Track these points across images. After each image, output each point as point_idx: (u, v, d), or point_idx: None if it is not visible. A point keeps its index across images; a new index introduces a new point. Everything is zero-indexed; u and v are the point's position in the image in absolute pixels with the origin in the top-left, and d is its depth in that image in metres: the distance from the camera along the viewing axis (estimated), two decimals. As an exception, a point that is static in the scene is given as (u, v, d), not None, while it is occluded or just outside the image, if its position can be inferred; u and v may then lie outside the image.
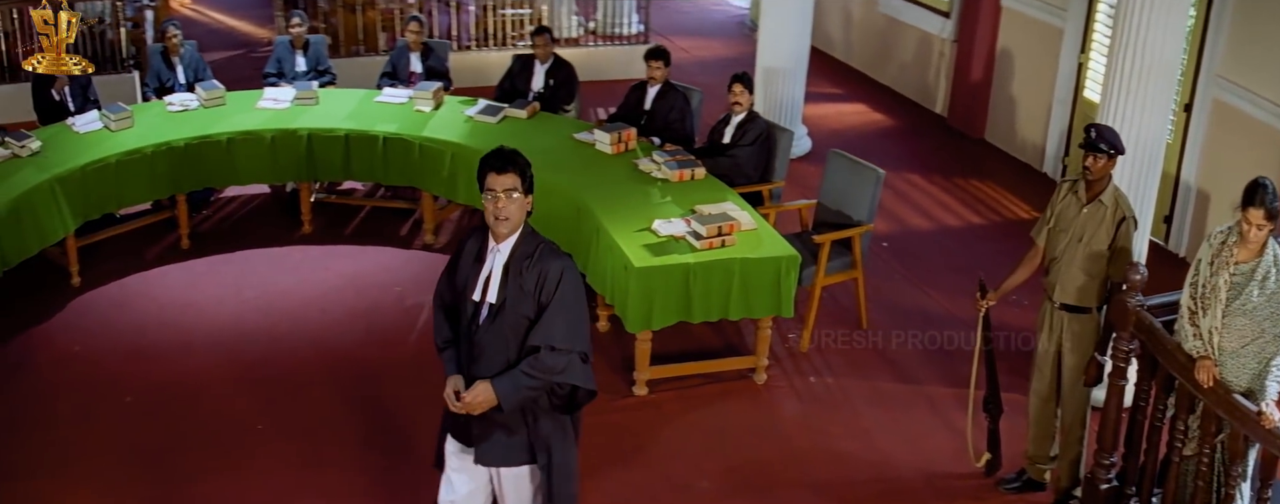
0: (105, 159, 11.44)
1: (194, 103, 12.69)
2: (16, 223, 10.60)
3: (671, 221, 9.85)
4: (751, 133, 11.28)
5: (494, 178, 5.98)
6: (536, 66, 13.24)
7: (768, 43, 13.73)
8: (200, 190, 12.65)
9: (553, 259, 6.14)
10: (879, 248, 12.06)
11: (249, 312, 11.03)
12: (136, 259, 12.04)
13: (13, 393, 9.82)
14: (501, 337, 6.15)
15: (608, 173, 11.01)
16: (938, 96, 16.15)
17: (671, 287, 9.34)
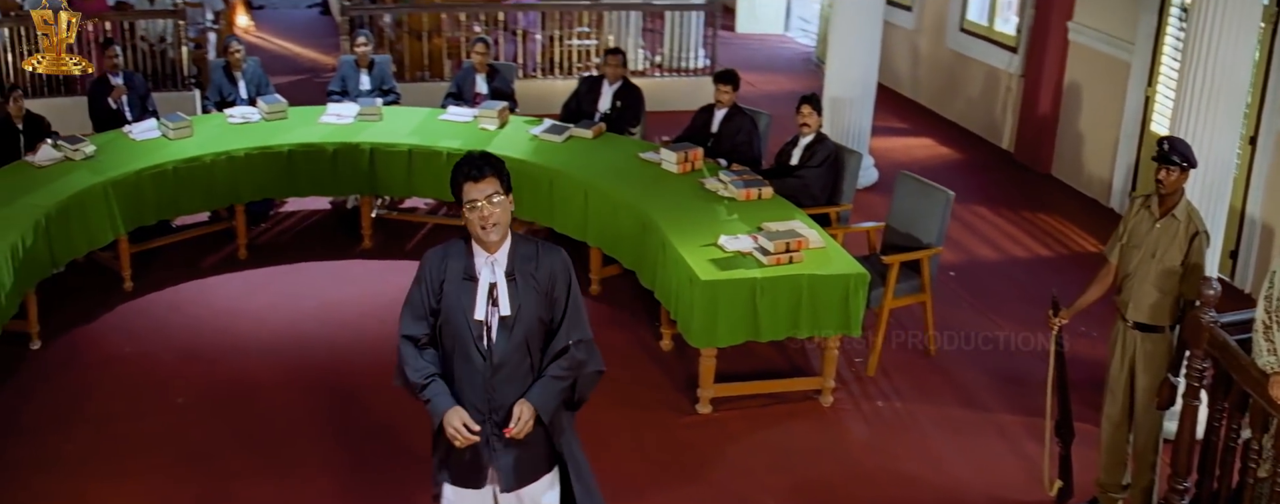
0: (162, 165, 11.28)
1: (255, 116, 12.54)
2: (65, 223, 10.44)
3: (738, 237, 9.56)
4: (819, 154, 11.01)
5: (472, 187, 5.56)
6: (605, 87, 12.99)
7: (835, 72, 13.50)
8: (259, 203, 12.56)
9: (551, 252, 5.88)
10: (946, 277, 11.74)
11: (306, 320, 10.84)
12: (191, 267, 11.89)
13: (61, 389, 9.69)
14: (521, 347, 5.78)
15: (674, 191, 10.73)
16: (1004, 131, 15.85)
17: (738, 302, 9.04)
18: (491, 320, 5.74)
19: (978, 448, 9.12)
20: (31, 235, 9.98)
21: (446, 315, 5.79)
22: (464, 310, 5.74)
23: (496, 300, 5.73)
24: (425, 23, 17.00)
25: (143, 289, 11.40)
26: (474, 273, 5.76)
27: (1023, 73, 15.38)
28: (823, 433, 9.29)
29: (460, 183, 5.60)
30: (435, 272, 5.82)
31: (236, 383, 9.83)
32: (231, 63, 13.26)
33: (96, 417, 9.33)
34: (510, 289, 5.73)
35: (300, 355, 10.24)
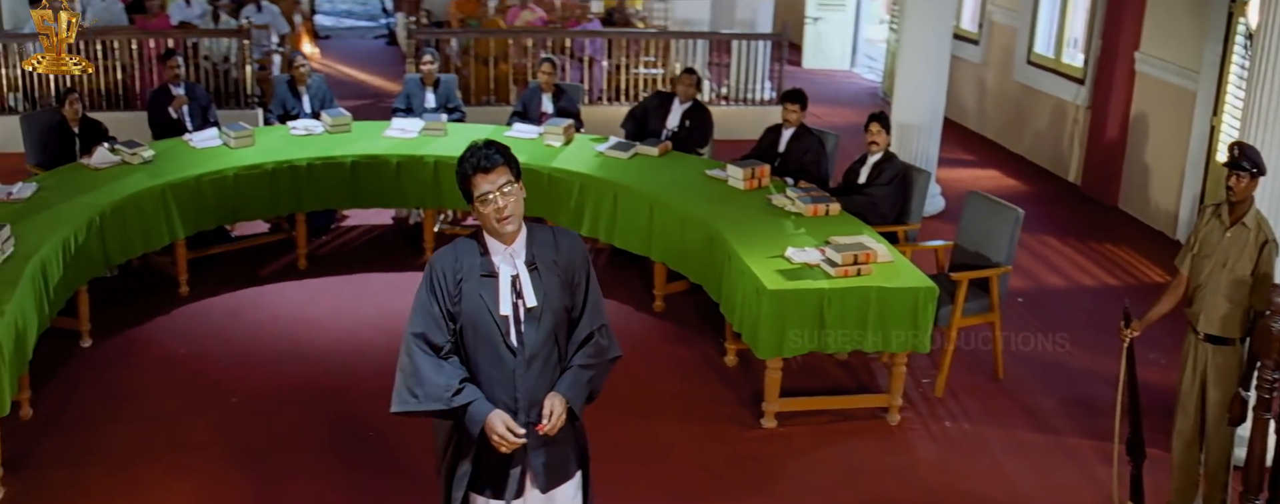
0: (222, 172, 11.14)
1: (319, 128, 12.37)
2: (121, 223, 10.30)
3: (805, 250, 9.29)
4: (888, 172, 10.77)
5: (483, 179, 5.24)
6: (675, 105, 12.75)
7: (903, 98, 13.29)
8: (320, 216, 12.43)
9: (568, 237, 5.62)
10: (1014, 303, 11.45)
11: (365, 328, 10.63)
12: (250, 275, 11.74)
13: (111, 385, 9.57)
14: (550, 338, 5.45)
15: (740, 206, 10.46)
16: (1071, 164, 15.57)
17: (805, 312, 8.76)
18: (519, 313, 5.42)
19: (1047, 470, 8.79)
20: (84, 232, 9.85)
21: (469, 316, 5.40)
22: (488, 308, 5.38)
23: (521, 292, 5.42)
24: (492, 48, 16.87)
25: (199, 294, 11.26)
26: (493, 268, 5.42)
27: (1090, 104, 15.11)
28: (890, 451, 8.97)
29: (469, 175, 5.28)
30: (449, 272, 5.42)
31: (293, 386, 9.64)
32: (296, 77, 13.11)
33: (147, 413, 9.19)
34: (533, 279, 5.43)
35: (359, 361, 10.03)
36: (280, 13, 18.64)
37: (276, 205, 11.60)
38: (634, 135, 12.61)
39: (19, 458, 8.41)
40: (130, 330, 10.56)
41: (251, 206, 11.44)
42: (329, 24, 25.25)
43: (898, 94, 13.42)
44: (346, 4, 27.98)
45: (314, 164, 11.55)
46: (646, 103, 13.14)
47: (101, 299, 10.74)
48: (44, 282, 9.09)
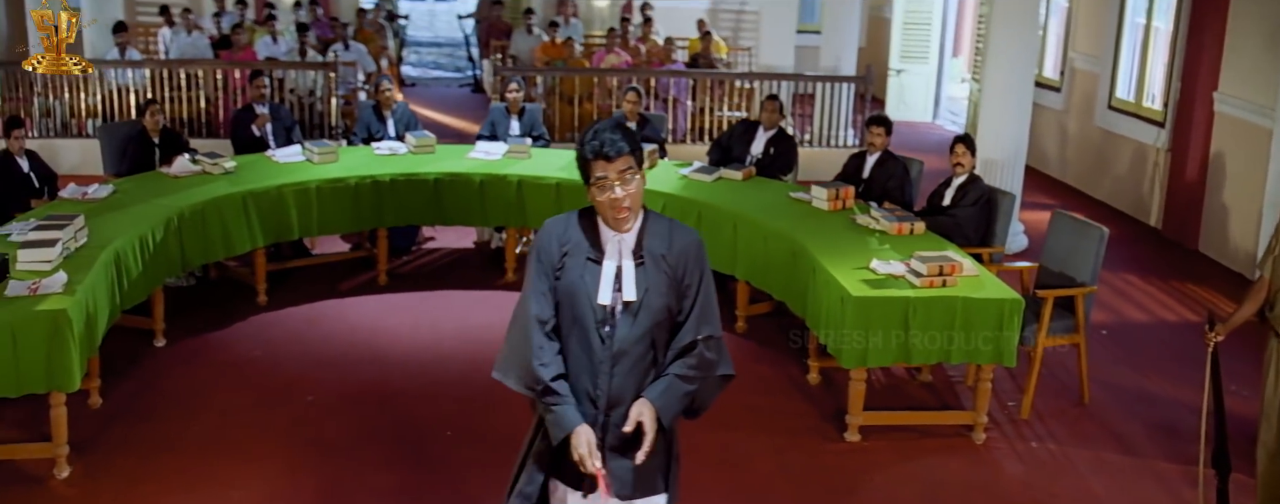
0: (304, 183, 11.00)
1: (403, 149, 12.19)
2: (201, 225, 10.21)
3: (890, 263, 9.02)
4: (972, 194, 10.49)
5: (605, 165, 4.81)
6: (759, 133, 12.54)
7: (987, 132, 13.03)
8: (402, 237, 12.29)
9: (685, 232, 5.11)
10: (1098, 335, 11.13)
11: (447, 339, 10.43)
12: (329, 288, 11.59)
13: (185, 381, 9.49)
14: (645, 337, 4.99)
15: (824, 224, 10.19)
16: (1152, 208, 15.23)
17: (890, 321, 8.47)
18: (615, 305, 4.98)
19: (1135, 490, 8.42)
20: (162, 231, 9.75)
21: (566, 295, 5.00)
22: (587, 293, 4.97)
23: (622, 285, 4.98)
24: (577, 87, 16.75)
25: (277, 304, 11.12)
26: (599, 254, 5.00)
27: (1170, 147, 14.80)
28: (975, 468, 8.62)
29: (588, 159, 4.86)
30: (555, 244, 5.03)
31: (370, 388, 9.45)
32: (382, 101, 12.95)
33: (219, 407, 9.07)
34: (638, 273, 4.98)
35: (439, 368, 9.83)
36: (367, 52, 18.64)
37: (358, 220, 11.41)
38: (719, 163, 12.37)
39: (86, 442, 8.32)
40: (205, 334, 10.43)
41: (333, 220, 11.26)
42: (415, 74, 25.24)
43: (981, 129, 13.17)
44: (433, 56, 28.04)
45: (397, 180, 11.38)
46: (732, 130, 12.92)
47: (178, 305, 10.65)
48: (118, 273, 8.98)
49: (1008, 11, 12.97)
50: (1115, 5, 16.27)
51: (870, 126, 11.45)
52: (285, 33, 19.10)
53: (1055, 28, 18.29)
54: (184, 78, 15.82)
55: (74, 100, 16.01)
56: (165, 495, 7.81)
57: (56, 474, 7.99)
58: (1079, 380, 9.79)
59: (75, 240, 8.95)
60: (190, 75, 15.92)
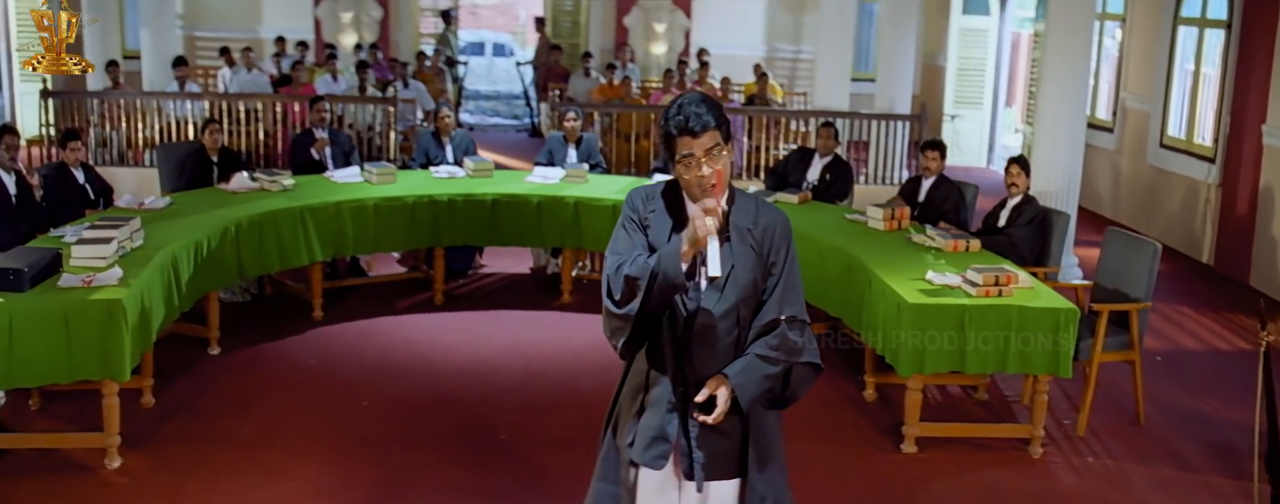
0: (362, 201, 10.95)
1: (461, 174, 12.13)
2: (258, 235, 10.20)
3: (945, 275, 8.88)
4: (1027, 213, 10.38)
5: (691, 141, 4.59)
6: (815, 159, 12.47)
7: (1040, 169, 12.89)
8: (458, 261, 12.24)
9: (772, 210, 4.87)
10: (1153, 361, 10.95)
11: (503, 354, 10.34)
12: (385, 306, 11.53)
13: (238, 385, 9.49)
14: (730, 313, 4.80)
15: (880, 241, 10.08)
16: (1204, 244, 15.04)
17: (946, 328, 8.32)
18: (699, 279, 4.74)
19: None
20: (218, 239, 9.73)
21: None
22: None
23: (705, 258, 4.62)
24: (634, 124, 16.68)
25: (333, 319, 11.06)
26: (683, 227, 4.72)
27: (1220, 182, 14.62)
28: (1033, 480, 8.45)
29: (674, 135, 4.64)
30: (642, 205, 4.86)
31: (424, 395, 9.36)
32: (440, 128, 12.88)
33: (274, 407, 9.04)
34: (723, 249, 4.66)
35: (493, 378, 9.74)
36: (426, 91, 18.66)
37: (415, 238, 11.33)
38: (775, 189, 12.25)
39: (138, 437, 8.31)
40: (260, 344, 10.40)
41: (390, 237, 11.20)
42: (473, 121, 25.22)
43: (1034, 166, 13.01)
44: (492, 105, 28.07)
45: (454, 200, 11.31)
46: (788, 158, 12.86)
47: (233, 318, 10.65)
48: (174, 275, 8.94)
49: (1060, 48, 12.90)
50: (1165, 51, 16.15)
51: (925, 151, 11.34)
52: (345, 72, 19.15)
53: (1107, 73, 18.18)
54: (243, 111, 15.83)
55: (131, 131, 16.03)
56: (217, 484, 7.76)
57: (108, 464, 7.94)
58: (1134, 399, 9.59)
59: (131, 240, 8.90)
60: (249, 109, 15.93)
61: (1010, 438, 8.97)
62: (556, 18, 25.15)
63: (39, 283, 7.95)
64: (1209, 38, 15.40)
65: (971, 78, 21.69)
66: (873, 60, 22.13)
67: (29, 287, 7.80)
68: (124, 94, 16.32)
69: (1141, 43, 16.82)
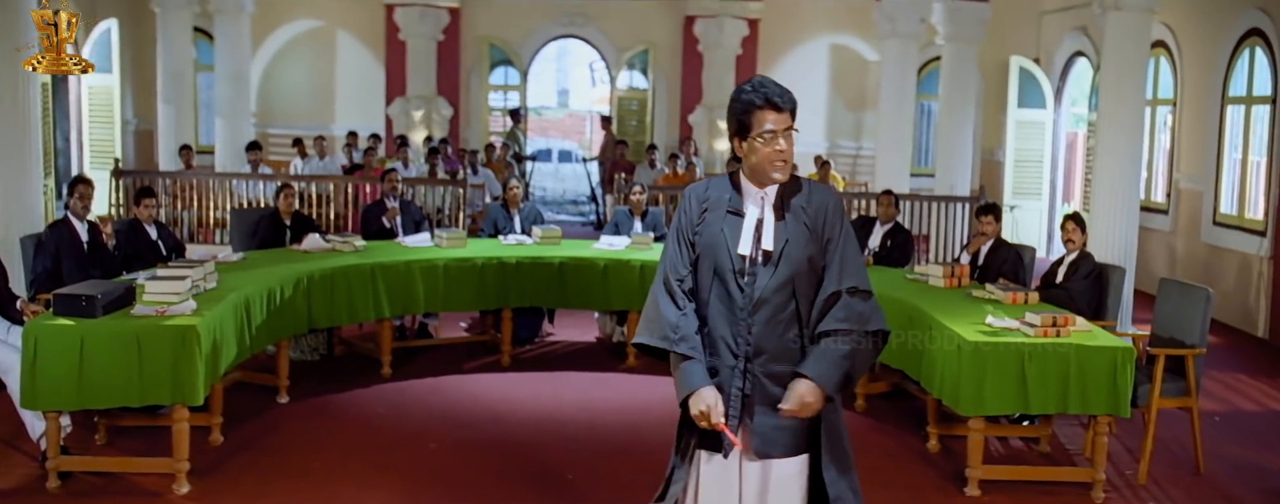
0: (432, 261, 11.04)
1: (529, 240, 12.23)
2: (329, 289, 10.30)
3: (1004, 319, 8.87)
4: (1083, 268, 10.41)
5: (773, 115, 4.87)
6: (876, 227, 12.52)
7: (1097, 245, 12.93)
8: (525, 328, 12.29)
9: (824, 191, 5.11)
10: (1211, 421, 10.87)
11: (569, 408, 10.34)
12: (452, 366, 11.55)
13: (309, 428, 9.56)
14: (786, 288, 4.99)
15: (941, 295, 10.06)
16: (1259, 319, 14.92)
17: (1006, 367, 8.28)
18: (755, 255, 5.00)
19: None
20: (290, 289, 9.82)
21: (707, 247, 5.05)
22: (727, 244, 5.02)
23: (762, 236, 5.00)
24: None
25: (401, 376, 11.10)
26: (740, 207, 5.05)
27: (1272, 254, 14.56)
28: (1098, 525, 8.42)
29: (757, 106, 4.88)
30: (697, 202, 5.12)
31: (492, 440, 9.36)
32: (510, 199, 13.02)
33: (343, 447, 9.07)
34: (778, 226, 4.99)
35: (560, 428, 9.74)
36: (494, 177, 18.86)
37: (483, 299, 11.40)
38: (837, 256, 12.30)
39: (207, 468, 8.39)
40: (329, 395, 10.46)
41: (459, 297, 11.28)
42: (538, 215, 25.38)
43: (1092, 232, 13.06)
44: (557, 203, 28.19)
45: (522, 262, 11.41)
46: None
47: (302, 373, 10.74)
48: (246, 316, 9.01)
49: (1113, 135, 13.09)
50: (1214, 130, 16.17)
51: (980, 216, 11.35)
52: (415, 161, 19.39)
53: (1161, 157, 18.19)
54: (314, 194, 16.03)
55: (202, 211, 16.24)
56: (285, 513, 7.80)
57: (176, 489, 7.98)
58: (1193, 450, 9.49)
59: (205, 281, 8.98)
60: (321, 193, 16.14)
61: (1072, 483, 8.87)
62: (622, 116, 25.36)
63: (112, 311, 8.01)
64: (1256, 113, 15.43)
65: (1029, 169, 21.70)
66: (931, 156, 22.23)
67: (101, 313, 7.87)
68: (195, 174, 16.59)
69: (1192, 124, 16.83)
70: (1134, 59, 13.24)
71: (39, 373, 7.67)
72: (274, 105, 24.41)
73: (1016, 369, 8.33)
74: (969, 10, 18.73)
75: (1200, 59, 16.60)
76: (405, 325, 12.48)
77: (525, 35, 24.97)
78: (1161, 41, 17.35)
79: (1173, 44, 17.29)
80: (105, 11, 21.15)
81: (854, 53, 24.98)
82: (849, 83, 25.04)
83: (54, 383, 7.68)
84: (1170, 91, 17.59)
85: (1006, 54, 22.23)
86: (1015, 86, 21.52)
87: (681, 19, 24.49)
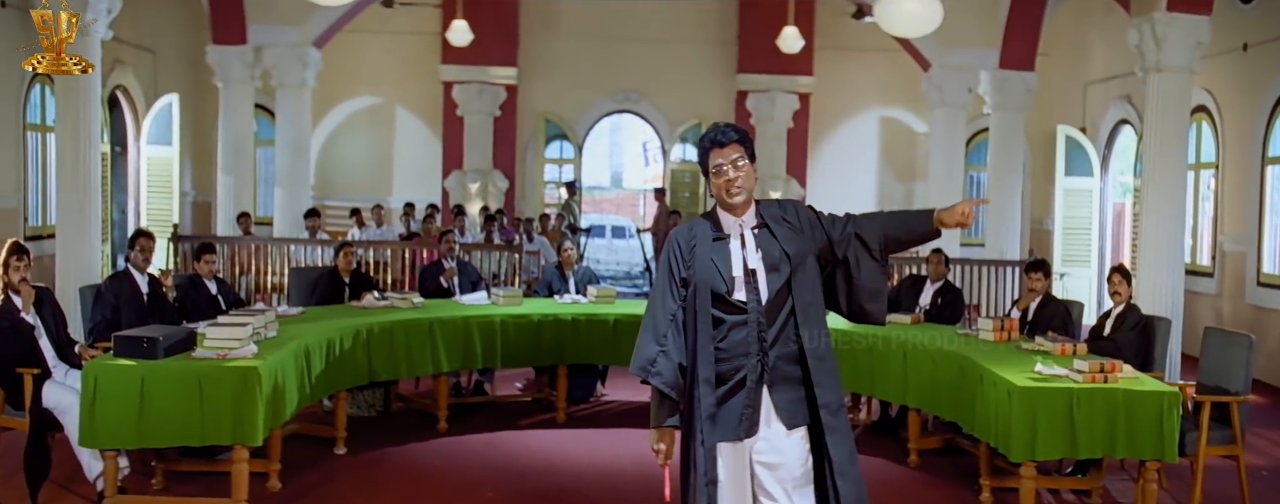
0: (489, 317, 11.15)
1: (584, 300, 12.32)
2: (389, 342, 10.42)
3: (1053, 367, 8.90)
4: (1130, 320, 10.44)
5: (717, 152, 5.62)
6: (927, 285, 12.54)
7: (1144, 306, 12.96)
8: (581, 384, 12.33)
9: (794, 202, 5.88)
10: (1258, 475, 10.82)
11: (622, 461, 10.36)
12: (509, 422, 11.62)
13: (367, 478, 9.61)
14: (784, 287, 5.65)
15: (991, 348, 10.07)
16: (1306, 380, 14.91)
17: (1055, 411, 8.32)
18: (754, 266, 5.64)
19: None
20: (350, 341, 9.95)
21: (703, 275, 5.63)
22: (721, 266, 5.63)
23: (747, 252, 5.66)
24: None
25: (457, 431, 11.16)
26: (724, 233, 5.70)
27: (1312, 311, 14.54)
28: (1151, 573, 8.37)
29: (706, 149, 5.64)
30: (685, 241, 5.72)
31: (549, 493, 9.40)
32: (564, 261, 13.13)
33: (401, 497, 9.14)
34: (762, 237, 5.68)
35: (614, 480, 9.79)
36: (550, 245, 18.99)
37: (540, 355, 11.49)
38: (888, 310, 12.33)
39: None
40: (386, 448, 10.53)
41: (516, 353, 11.37)
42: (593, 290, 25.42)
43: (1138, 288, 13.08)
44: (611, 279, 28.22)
45: (578, 319, 11.52)
46: (900, 285, 12.93)
47: (360, 428, 10.83)
48: (306, 364, 9.11)
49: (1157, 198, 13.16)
50: (1255, 191, 16.19)
51: (1029, 272, 11.39)
52: (472, 229, 19.57)
53: (1206, 220, 18.19)
54: (372, 259, 16.18)
55: (259, 277, 16.41)
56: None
57: (235, 530, 8.04)
58: (1241, 497, 9.48)
59: (266, 329, 9.10)
60: (379, 260, 16.29)
61: (1125, 529, 8.83)
62: (675, 188, 25.51)
63: (173, 354, 8.14)
64: (1294, 172, 15.42)
65: (1078, 237, 21.69)
66: (982, 226, 22.26)
67: (163, 355, 8.00)
68: (253, 239, 16.77)
69: (1234, 186, 16.82)
70: (1175, 118, 13.37)
71: (98, 412, 7.82)
72: (332, 177, 24.74)
73: (1065, 413, 8.37)
74: (1016, 80, 18.83)
75: (1240, 121, 16.64)
76: (461, 383, 12.54)
77: (580, 110, 25.25)
78: (1203, 106, 17.40)
79: (1214, 108, 17.32)
80: (167, 86, 21.60)
81: (903, 125, 25.14)
82: (899, 154, 25.19)
83: (113, 422, 7.81)
84: (1212, 155, 17.61)
85: (1053, 123, 22.33)
86: (1062, 155, 21.56)
87: (734, 93, 24.68)
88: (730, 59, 24.83)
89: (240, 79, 18.75)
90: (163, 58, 22.02)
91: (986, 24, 18.71)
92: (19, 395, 8.71)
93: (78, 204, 13.11)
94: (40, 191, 17.03)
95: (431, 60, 24.38)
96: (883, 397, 10.95)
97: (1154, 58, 13.48)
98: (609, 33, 24.90)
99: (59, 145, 13.42)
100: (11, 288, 8.89)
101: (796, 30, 21.18)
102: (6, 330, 8.79)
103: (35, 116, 16.97)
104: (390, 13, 21.59)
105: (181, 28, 22.76)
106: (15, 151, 16.23)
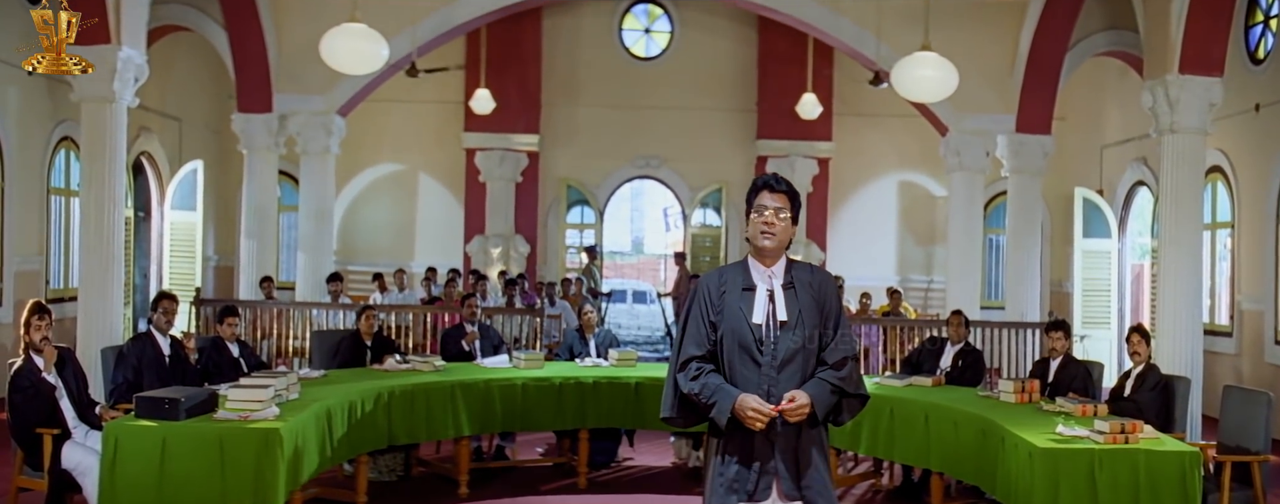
0: (511, 380, 11.08)
1: (605, 363, 12.27)
2: (409, 406, 10.35)
3: (1074, 428, 8.81)
4: (1150, 380, 10.40)
5: (767, 195, 5.70)
6: (947, 347, 12.45)
7: (1162, 353, 12.86)
8: (602, 449, 12.24)
9: (821, 271, 5.91)
10: (1286, 524, 10.72)
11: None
12: (530, 487, 11.49)
13: None
14: (800, 350, 5.69)
15: (1013, 409, 9.99)
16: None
17: (1077, 474, 8.21)
18: (773, 323, 5.69)
19: None
20: (371, 404, 9.89)
21: (729, 324, 5.70)
22: (746, 316, 5.69)
23: (776, 306, 5.71)
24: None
25: (478, 495, 11.06)
26: (752, 283, 5.74)
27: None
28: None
29: (758, 188, 5.72)
30: (714, 287, 5.78)
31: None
32: (584, 324, 13.08)
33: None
34: (788, 296, 5.72)
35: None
36: (571, 309, 18.93)
37: (561, 418, 11.38)
38: (909, 372, 12.26)
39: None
40: (413, 512, 10.40)
41: (538, 417, 11.28)
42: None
43: (1157, 349, 12.97)
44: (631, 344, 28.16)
45: (599, 382, 11.45)
46: (920, 348, 12.87)
47: (380, 492, 10.77)
48: (328, 427, 9.06)
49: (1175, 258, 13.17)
50: (1271, 250, 16.09)
51: (1049, 332, 11.33)
52: (493, 294, 19.54)
53: (1223, 280, 18.09)
54: (394, 324, 16.15)
55: (281, 341, 16.38)
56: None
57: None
58: (1266, 553, 9.40)
59: (288, 391, 9.05)
60: (401, 324, 16.26)
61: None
62: (696, 252, 25.47)
63: (194, 416, 8.09)
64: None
65: (1097, 299, 21.58)
66: (1001, 289, 22.18)
67: (184, 417, 7.95)
68: (275, 303, 16.76)
69: (1250, 245, 16.72)
70: (1190, 178, 13.38)
71: (118, 474, 7.76)
72: (355, 243, 24.74)
73: (1087, 475, 8.27)
74: (1032, 144, 18.77)
75: (1254, 181, 16.56)
76: (483, 448, 12.46)
77: (602, 177, 25.25)
78: (1217, 166, 17.32)
79: (1228, 168, 17.25)
80: (191, 154, 21.77)
81: (922, 189, 25.09)
82: (918, 218, 25.13)
83: (134, 485, 7.75)
84: (1228, 214, 17.53)
85: (1071, 186, 22.29)
86: (1080, 217, 21.51)
87: (754, 158, 24.66)
88: (750, 125, 24.84)
89: (265, 146, 18.77)
90: (188, 125, 22.23)
91: (1002, 89, 18.68)
92: (38, 456, 8.68)
93: (101, 267, 13.16)
94: (62, 255, 17.18)
95: (455, 127, 24.47)
96: (904, 460, 10.81)
97: (1168, 119, 13.48)
98: (630, 100, 24.97)
99: (83, 209, 13.47)
100: (33, 348, 8.86)
101: (815, 97, 21.24)
102: (28, 390, 8.75)
103: (59, 181, 17.24)
104: (414, 82, 21.65)
105: (207, 96, 22.98)
106: (39, 215, 16.49)
